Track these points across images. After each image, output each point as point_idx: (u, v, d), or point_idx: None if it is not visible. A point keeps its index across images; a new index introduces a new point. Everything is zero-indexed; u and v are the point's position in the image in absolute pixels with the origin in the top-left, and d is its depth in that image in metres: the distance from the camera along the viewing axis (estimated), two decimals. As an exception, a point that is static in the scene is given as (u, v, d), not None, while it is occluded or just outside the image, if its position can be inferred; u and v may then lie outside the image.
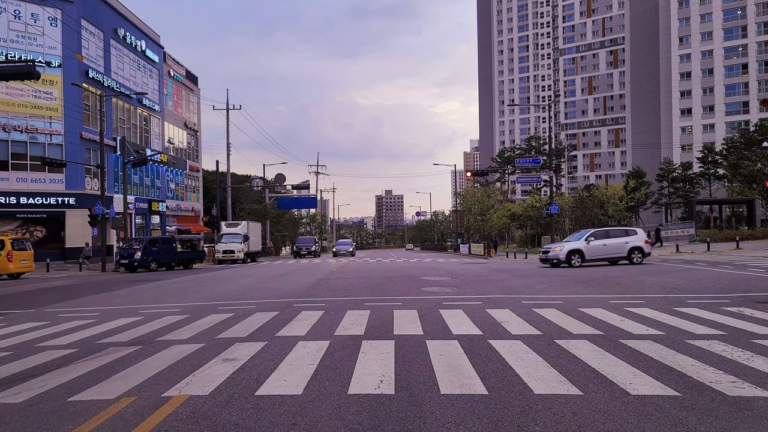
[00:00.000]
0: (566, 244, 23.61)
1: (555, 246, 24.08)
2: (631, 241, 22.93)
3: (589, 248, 22.80)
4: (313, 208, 76.07)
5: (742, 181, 52.80)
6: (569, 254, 22.69)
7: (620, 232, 23.96)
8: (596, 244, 22.81)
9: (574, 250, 22.69)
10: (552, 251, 23.44)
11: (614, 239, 23.08)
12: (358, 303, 12.21)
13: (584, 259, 22.72)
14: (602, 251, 22.89)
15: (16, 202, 37.09)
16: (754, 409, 4.61)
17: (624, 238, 23.12)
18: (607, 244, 22.81)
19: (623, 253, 22.77)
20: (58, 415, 4.88)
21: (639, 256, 22.78)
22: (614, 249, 22.88)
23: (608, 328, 8.39)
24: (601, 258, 23.08)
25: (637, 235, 23.33)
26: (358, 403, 4.96)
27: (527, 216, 56.35)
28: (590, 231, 23.99)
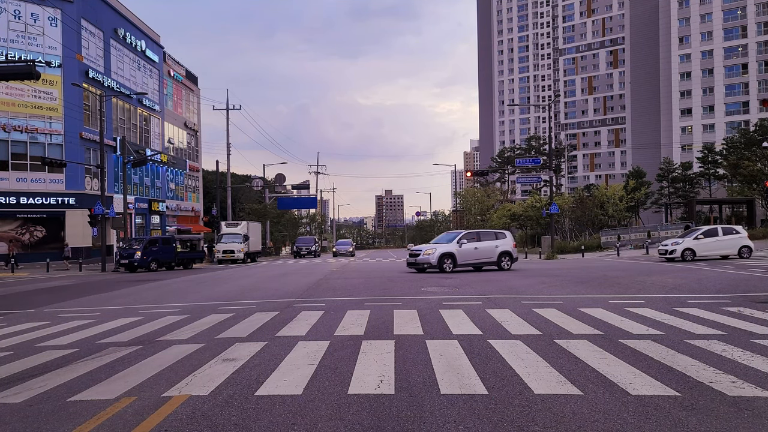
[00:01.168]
0: (437, 246, 21.59)
1: (426, 248, 21.72)
2: (501, 245, 22.03)
3: (461, 252, 21.23)
4: (313, 208, 76.07)
5: (742, 181, 52.78)
6: (441, 258, 20.80)
7: (490, 235, 22.73)
8: (468, 247, 21.39)
9: (447, 253, 20.91)
10: (422, 254, 21.20)
11: (485, 242, 21.97)
12: (358, 303, 12.21)
13: (456, 263, 21.08)
14: (474, 255, 21.57)
15: (16, 202, 37.09)
16: (754, 409, 4.61)
17: (494, 242, 22.14)
18: (478, 248, 21.55)
19: (493, 258, 21.79)
20: (58, 415, 4.88)
21: (508, 261, 22.11)
22: (485, 253, 21.73)
23: (608, 328, 8.39)
24: (472, 263, 21.78)
25: (506, 239, 22.44)
26: (358, 403, 4.96)
27: (527, 216, 56.37)
28: (461, 232, 22.37)
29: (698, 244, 24.37)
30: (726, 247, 24.54)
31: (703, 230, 25.13)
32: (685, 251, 24.29)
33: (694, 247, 24.33)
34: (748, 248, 24.46)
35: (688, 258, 24.12)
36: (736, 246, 24.45)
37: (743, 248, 24.39)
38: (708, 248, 24.45)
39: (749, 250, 24.43)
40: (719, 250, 24.57)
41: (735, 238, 24.72)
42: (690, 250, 24.28)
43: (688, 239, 24.68)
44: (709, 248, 24.46)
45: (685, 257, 24.18)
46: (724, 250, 24.55)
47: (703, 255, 24.35)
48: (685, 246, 24.39)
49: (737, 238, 24.72)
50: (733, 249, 24.48)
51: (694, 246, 24.35)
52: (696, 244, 24.38)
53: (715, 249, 24.55)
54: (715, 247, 24.55)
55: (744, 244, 24.49)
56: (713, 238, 24.57)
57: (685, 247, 24.37)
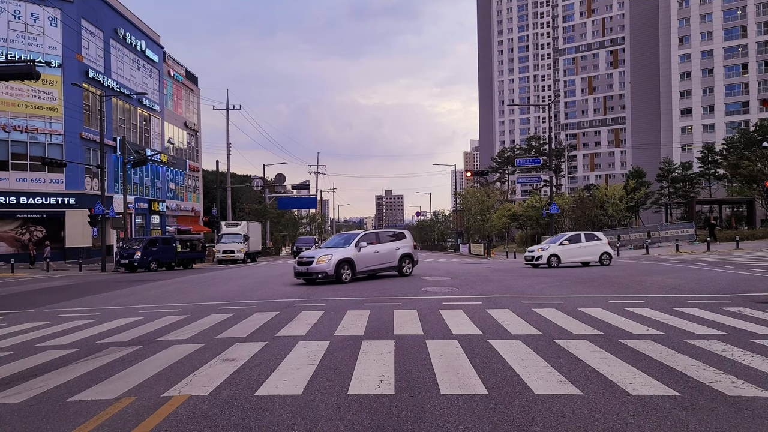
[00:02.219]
0: (333, 251, 17.67)
1: (320, 254, 17.48)
2: (402, 247, 19.41)
3: (360, 256, 17.98)
4: (313, 208, 76.07)
5: (742, 181, 52.77)
6: (338, 265, 17.21)
7: (390, 236, 19.80)
8: (368, 251, 18.25)
9: (344, 260, 17.40)
10: (316, 262, 17.13)
11: (386, 244, 19.09)
12: (358, 303, 12.21)
13: (354, 271, 17.74)
14: (374, 260, 18.51)
15: (16, 202, 37.10)
16: (754, 409, 4.61)
17: (395, 243, 19.34)
18: (379, 251, 18.59)
19: (394, 262, 19.06)
20: (58, 415, 4.88)
21: (409, 265, 19.59)
22: (386, 257, 18.85)
23: (608, 328, 8.39)
24: (372, 269, 18.58)
25: (406, 239, 19.86)
26: (358, 403, 4.96)
27: (527, 216, 56.38)
28: (359, 234, 18.94)
29: (563, 250, 23.56)
30: (588, 254, 23.82)
31: (568, 236, 24.42)
32: (551, 257, 23.37)
33: (559, 253, 23.49)
34: (608, 255, 23.79)
35: (554, 264, 23.30)
36: (597, 253, 23.72)
37: (603, 255, 23.65)
38: (572, 254, 23.69)
39: (609, 257, 23.80)
40: (582, 257, 23.86)
41: (597, 244, 24.00)
42: (555, 256, 23.44)
43: (554, 245, 23.82)
44: (573, 254, 23.71)
45: (551, 263, 23.31)
46: (586, 256, 23.84)
47: (568, 261, 23.66)
48: (551, 252, 23.49)
49: (599, 244, 24.01)
50: (594, 256, 23.72)
51: (559, 252, 23.52)
52: (561, 250, 23.56)
53: (578, 255, 23.80)
54: (579, 254, 23.79)
55: (605, 251, 23.80)
56: (577, 244, 23.81)
57: (551, 253, 23.45)
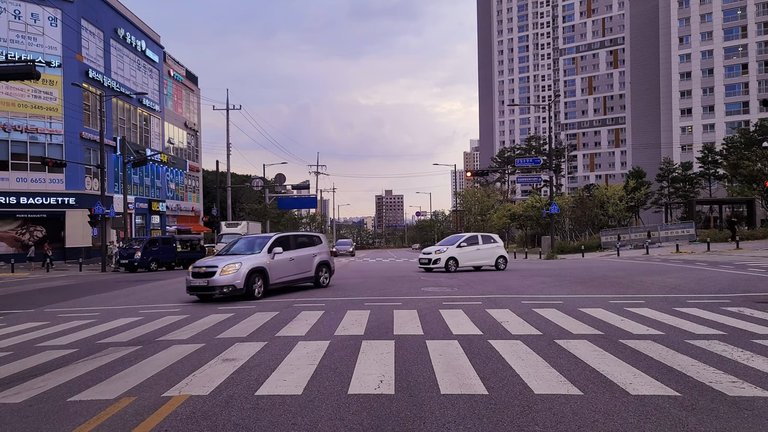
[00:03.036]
0: (242, 259, 13.72)
1: (226, 263, 13.40)
2: (319, 254, 16.27)
3: (274, 265, 14.38)
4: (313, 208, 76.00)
5: (742, 181, 52.77)
6: (250, 277, 13.44)
7: (305, 240, 16.31)
8: (283, 258, 14.75)
9: (256, 270, 13.69)
10: (221, 273, 13.15)
11: (302, 251, 15.72)
12: (358, 303, 12.21)
13: (268, 283, 14.11)
14: (290, 269, 15.10)
15: (16, 202, 37.10)
16: (754, 409, 4.61)
17: (311, 249, 16.12)
18: (295, 258, 15.25)
19: (311, 272, 15.93)
20: (58, 415, 4.89)
21: (326, 275, 16.58)
22: (303, 265, 15.64)
23: (608, 328, 8.39)
24: (287, 280, 15.13)
25: (322, 244, 16.70)
26: (358, 403, 4.96)
27: (527, 216, 56.39)
28: (272, 237, 15.08)
29: (462, 253, 22.23)
30: (485, 257, 22.79)
31: (465, 237, 23.06)
32: (449, 261, 21.90)
33: (457, 256, 22.09)
34: (504, 259, 23.10)
35: (452, 268, 21.81)
36: (494, 256, 22.91)
37: (499, 259, 22.91)
38: (470, 257, 22.44)
39: (505, 260, 23.12)
40: (479, 260, 22.71)
41: (493, 247, 23.09)
42: (454, 260, 21.98)
43: (452, 247, 22.33)
44: (471, 257, 22.48)
45: (449, 267, 21.81)
46: (483, 260, 22.77)
47: (465, 265, 22.36)
48: (449, 255, 21.97)
49: (495, 247, 23.13)
50: (490, 259, 22.82)
51: (458, 255, 22.12)
52: (460, 253, 22.19)
53: (475, 258, 22.60)
54: (476, 257, 22.62)
55: (501, 254, 23.04)
56: (474, 246, 22.61)
57: (450, 256, 21.96)
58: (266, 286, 14.16)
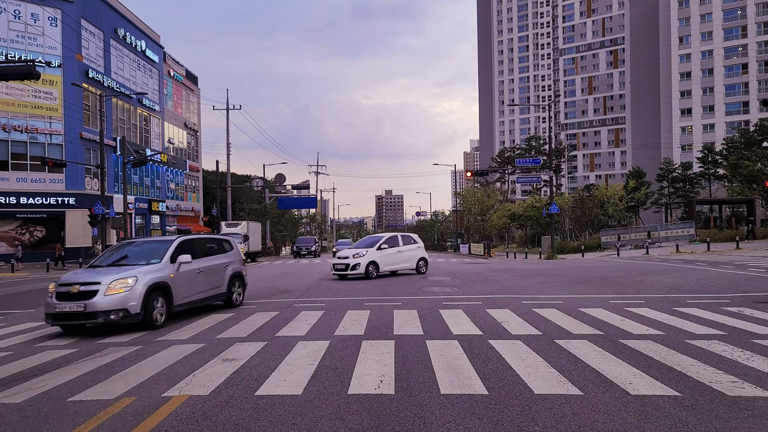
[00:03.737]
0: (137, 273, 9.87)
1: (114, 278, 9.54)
2: (231, 263, 12.46)
3: (178, 279, 10.52)
4: (313, 208, 76.05)
5: (742, 181, 52.75)
6: (147, 297, 9.69)
7: (214, 246, 12.40)
8: (190, 270, 10.89)
9: (156, 286, 9.99)
10: (106, 292, 9.30)
11: (212, 259, 11.83)
12: (358, 303, 12.21)
13: (171, 303, 10.30)
14: (198, 285, 11.15)
15: (16, 202, 37.10)
16: (754, 409, 4.61)
17: (222, 258, 12.24)
18: (203, 270, 11.34)
19: (223, 287, 12.00)
20: (58, 415, 4.89)
21: (240, 290, 12.73)
22: (214, 278, 11.71)
23: (608, 328, 8.40)
24: (194, 299, 11.10)
25: (233, 251, 12.89)
26: (358, 403, 4.96)
27: (527, 216, 56.36)
28: (175, 241, 11.09)
29: (382, 256, 19.66)
30: (406, 260, 20.61)
31: (386, 238, 20.52)
32: (370, 266, 19.12)
33: (378, 260, 19.44)
34: (425, 261, 21.26)
35: (373, 275, 19.13)
36: (415, 259, 20.89)
37: (420, 261, 20.98)
38: (391, 261, 20.00)
39: (425, 263, 21.30)
40: (399, 264, 20.38)
41: (414, 249, 20.99)
42: (374, 264, 19.31)
43: (372, 249, 19.61)
44: (392, 261, 20.05)
45: (369, 274, 19.01)
46: (404, 263, 20.54)
47: (386, 270, 19.86)
48: (370, 259, 19.19)
49: (416, 249, 21.08)
50: (411, 262, 20.73)
51: (378, 258, 19.48)
52: (380, 256, 19.59)
53: (396, 262, 20.24)
54: (397, 260, 20.25)
55: (421, 257, 21.11)
56: (395, 248, 20.27)
57: (370, 260, 19.19)
58: (169, 309, 10.11)
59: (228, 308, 12.08)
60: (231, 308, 12.07)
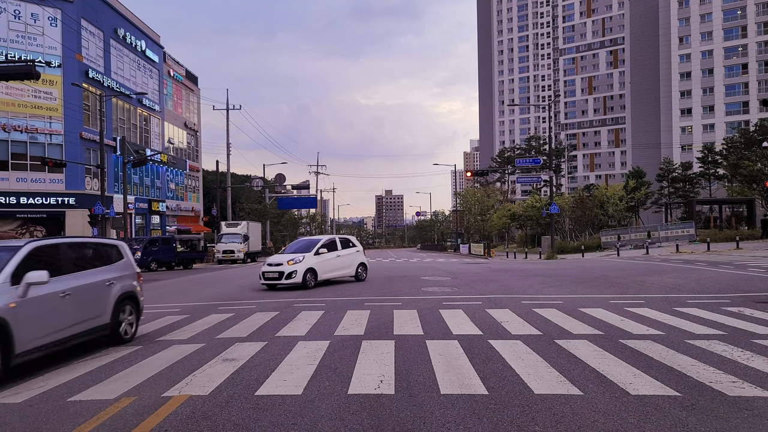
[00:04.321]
0: None
1: None
2: (119, 279, 8.73)
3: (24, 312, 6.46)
4: (313, 208, 76.05)
5: (742, 181, 52.76)
6: None
7: (91, 254, 8.59)
8: (48, 296, 6.97)
9: None
10: None
11: (86, 276, 7.97)
12: (358, 303, 12.21)
13: (11, 352, 6.15)
14: (60, 317, 7.16)
15: (16, 202, 37.09)
16: (754, 409, 4.61)
17: (103, 273, 8.38)
18: (72, 293, 7.41)
19: (104, 315, 8.10)
20: (58, 415, 4.89)
21: (132, 318, 8.92)
22: (88, 306, 7.81)
23: (608, 328, 8.40)
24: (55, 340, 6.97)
25: (124, 261, 9.15)
26: (358, 403, 4.96)
27: (527, 216, 56.36)
28: (22, 249, 6.99)
29: (320, 262, 16.96)
30: (345, 266, 18.03)
31: (323, 241, 17.72)
32: (308, 274, 16.29)
33: (316, 267, 16.72)
34: (364, 267, 18.89)
35: (311, 283, 16.32)
36: (355, 264, 18.38)
37: (360, 267, 18.53)
38: (329, 267, 17.36)
39: (365, 269, 18.87)
40: (339, 270, 17.76)
41: (353, 253, 18.55)
42: (312, 272, 16.49)
43: (309, 255, 16.84)
44: (331, 267, 17.42)
45: (307, 282, 16.15)
46: (343, 269, 17.95)
47: (324, 277, 17.07)
48: (307, 265, 16.42)
49: (355, 253, 18.65)
50: (350, 268, 18.19)
51: (316, 265, 16.75)
52: (318, 262, 16.89)
53: (335, 268, 17.61)
54: (336, 266, 17.66)
55: (361, 262, 18.71)
56: (334, 253, 17.68)
57: (308, 266, 16.41)
58: (8, 361, 6.16)
59: (113, 345, 8.20)
60: (118, 345, 8.21)
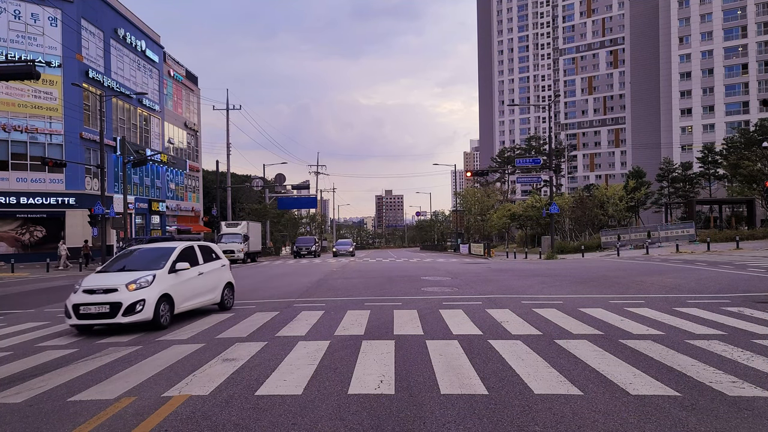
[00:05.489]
0: None
1: None
2: None
3: None
4: (313, 208, 76.10)
5: (742, 181, 52.77)
6: None
7: None
8: None
9: None
10: None
11: None
12: (358, 303, 12.21)
13: None
14: None
15: (16, 202, 37.09)
16: (754, 409, 4.61)
17: None
18: None
19: None
20: (58, 415, 4.89)
21: None
22: None
23: (608, 328, 8.40)
24: None
25: None
26: (358, 403, 4.96)
27: (527, 216, 56.37)
28: None
29: (179, 284, 10.65)
30: (209, 288, 11.58)
31: (180, 250, 11.14)
32: (162, 304, 9.97)
33: (173, 291, 10.39)
34: (231, 288, 12.48)
35: (166, 321, 9.96)
36: (220, 286, 11.97)
37: (226, 290, 12.16)
38: (190, 291, 10.96)
39: (231, 291, 12.52)
40: (201, 295, 11.31)
41: (217, 269, 12.07)
42: (167, 300, 10.17)
43: (162, 272, 10.30)
44: (192, 290, 11.02)
45: (160, 317, 9.80)
46: (206, 294, 11.47)
47: (184, 307, 10.75)
48: (161, 290, 10.02)
49: (220, 268, 12.20)
50: (215, 292, 11.78)
51: (173, 288, 10.40)
52: (176, 284, 10.55)
53: (198, 292, 11.20)
54: (199, 288, 11.24)
55: (227, 281, 12.32)
56: (195, 269, 11.27)
57: (161, 291, 10.02)
58: None
59: None
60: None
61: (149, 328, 9.61)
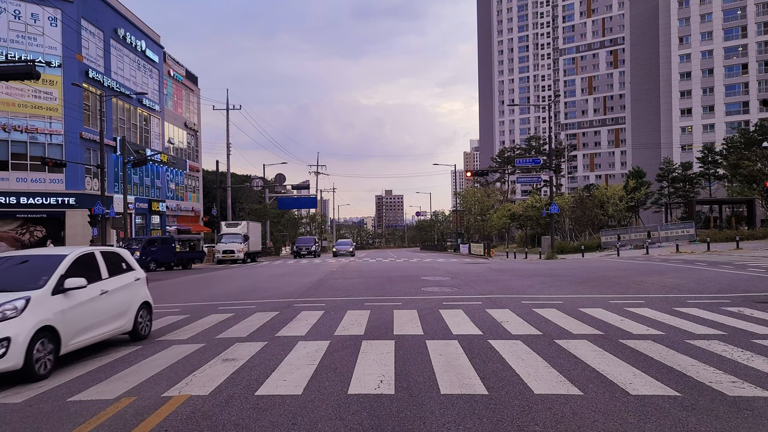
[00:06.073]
0: None
1: None
2: None
3: None
4: (313, 208, 76.11)
5: (742, 181, 52.77)
6: None
7: None
8: None
9: None
10: None
11: None
12: (358, 303, 12.21)
13: None
14: None
15: (16, 202, 37.08)
16: (754, 409, 4.61)
17: None
18: None
19: None
20: (58, 415, 4.89)
21: None
22: None
23: (608, 328, 8.40)
24: None
25: None
26: (358, 403, 4.96)
27: (527, 216, 56.38)
28: None
29: (70, 310, 6.88)
30: (117, 311, 8.03)
31: (75, 258, 7.46)
32: (39, 342, 6.22)
33: (58, 323, 6.58)
34: (148, 309, 9.05)
35: (43, 369, 6.23)
36: (133, 306, 8.54)
37: (141, 311, 8.75)
38: (88, 318, 7.29)
39: (149, 312, 9.07)
40: (105, 324, 7.72)
41: (131, 283, 8.68)
42: (51, 335, 6.46)
43: (41, 293, 6.56)
44: (91, 317, 7.36)
45: (35, 367, 6.12)
46: (113, 321, 7.92)
47: (76, 343, 7.00)
48: (39, 321, 6.28)
49: (134, 283, 8.81)
50: (125, 317, 8.26)
51: (58, 317, 6.61)
52: (65, 310, 6.79)
53: (99, 320, 7.56)
54: (101, 314, 7.61)
55: (143, 300, 8.91)
56: (96, 285, 7.59)
57: (39, 323, 6.26)
58: None
59: None
60: None
61: (18, 380, 6.12)
